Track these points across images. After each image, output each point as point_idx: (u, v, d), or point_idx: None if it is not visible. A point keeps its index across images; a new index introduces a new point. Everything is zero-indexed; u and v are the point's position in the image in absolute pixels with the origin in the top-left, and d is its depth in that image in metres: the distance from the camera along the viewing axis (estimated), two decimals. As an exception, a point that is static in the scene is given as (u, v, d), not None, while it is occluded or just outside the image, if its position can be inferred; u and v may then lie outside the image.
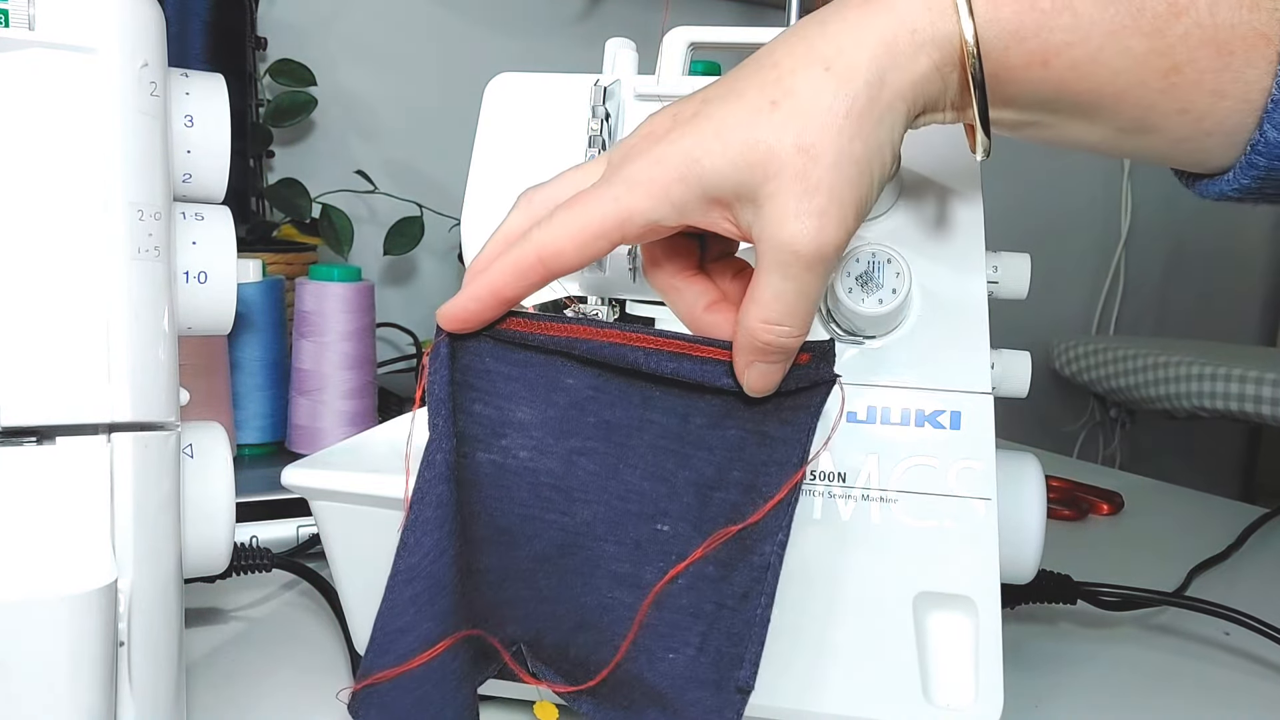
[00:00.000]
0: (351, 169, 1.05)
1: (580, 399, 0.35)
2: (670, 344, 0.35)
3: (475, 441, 0.35)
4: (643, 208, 0.33)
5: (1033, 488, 0.44)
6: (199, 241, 0.38)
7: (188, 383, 0.37)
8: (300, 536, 0.61)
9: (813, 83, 0.32)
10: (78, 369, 0.32)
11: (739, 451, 0.35)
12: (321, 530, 0.42)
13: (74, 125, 0.32)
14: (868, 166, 0.32)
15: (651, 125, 0.34)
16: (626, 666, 0.34)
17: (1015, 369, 0.45)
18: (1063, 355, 1.54)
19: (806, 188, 0.31)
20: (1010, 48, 0.32)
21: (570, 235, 0.33)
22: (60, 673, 0.30)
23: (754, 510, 0.34)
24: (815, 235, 0.31)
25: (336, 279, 0.72)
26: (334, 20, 1.10)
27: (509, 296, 0.34)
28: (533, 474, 0.35)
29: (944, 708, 0.38)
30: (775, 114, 0.32)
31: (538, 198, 0.36)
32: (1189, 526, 0.79)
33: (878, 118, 0.32)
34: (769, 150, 0.31)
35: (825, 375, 0.35)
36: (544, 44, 1.21)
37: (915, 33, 0.32)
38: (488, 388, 0.35)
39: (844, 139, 0.31)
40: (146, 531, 0.33)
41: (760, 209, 0.32)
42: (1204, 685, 0.50)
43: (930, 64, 0.32)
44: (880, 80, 0.32)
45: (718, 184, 0.32)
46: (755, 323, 0.33)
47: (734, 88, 0.33)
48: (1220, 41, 0.32)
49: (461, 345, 0.35)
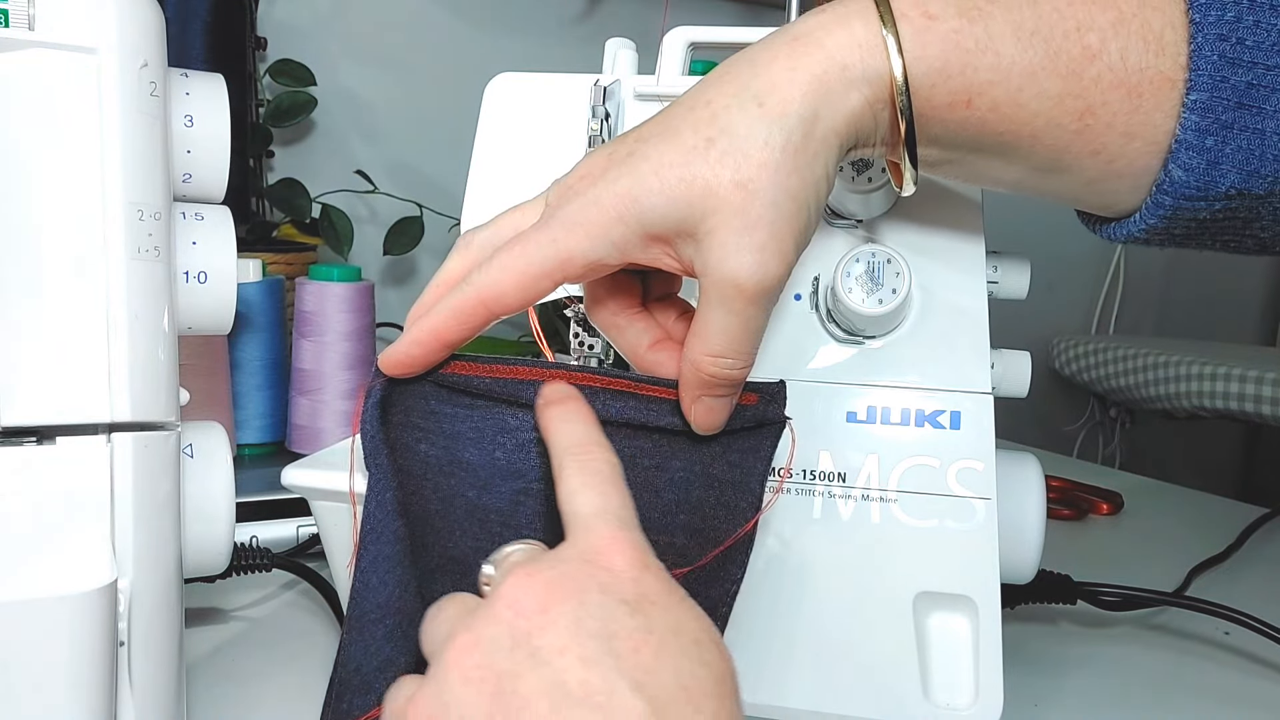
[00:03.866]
0: (351, 169, 1.05)
1: (525, 440, 0.35)
2: (616, 383, 0.35)
3: (423, 480, 0.35)
4: (583, 248, 0.33)
5: (1033, 488, 0.44)
6: (199, 241, 0.38)
7: (188, 383, 0.37)
8: (300, 536, 0.61)
9: (747, 120, 0.32)
10: (78, 369, 0.32)
11: (686, 495, 0.35)
12: (321, 530, 0.42)
13: (74, 125, 0.32)
14: (804, 201, 0.32)
15: (588, 165, 0.34)
16: None
17: (1015, 369, 0.45)
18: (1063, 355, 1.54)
19: (746, 223, 0.31)
20: (936, 85, 0.33)
21: (511, 277, 0.33)
22: (60, 673, 0.30)
23: (700, 555, 0.34)
24: (757, 269, 0.31)
25: (336, 279, 0.72)
26: (334, 20, 1.10)
27: (451, 340, 0.34)
28: (482, 511, 0.35)
29: (944, 708, 0.38)
30: (711, 151, 0.32)
31: (476, 240, 0.36)
32: (1189, 526, 0.79)
33: (813, 153, 0.32)
34: (706, 187, 0.31)
35: (774, 416, 0.36)
36: (544, 44, 1.21)
37: (846, 69, 0.32)
38: (434, 428, 0.36)
39: (781, 175, 0.32)
40: (146, 531, 0.33)
41: (700, 244, 0.32)
42: (1204, 685, 0.50)
43: (862, 100, 0.33)
44: (814, 116, 0.32)
45: (657, 222, 0.32)
46: (700, 356, 0.33)
47: (668, 126, 0.33)
48: (1130, 85, 0.33)
49: (403, 389, 0.35)
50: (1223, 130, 0.32)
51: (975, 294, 0.42)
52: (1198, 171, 0.33)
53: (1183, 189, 0.33)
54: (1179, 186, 0.33)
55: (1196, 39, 0.32)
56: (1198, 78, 0.32)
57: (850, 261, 0.41)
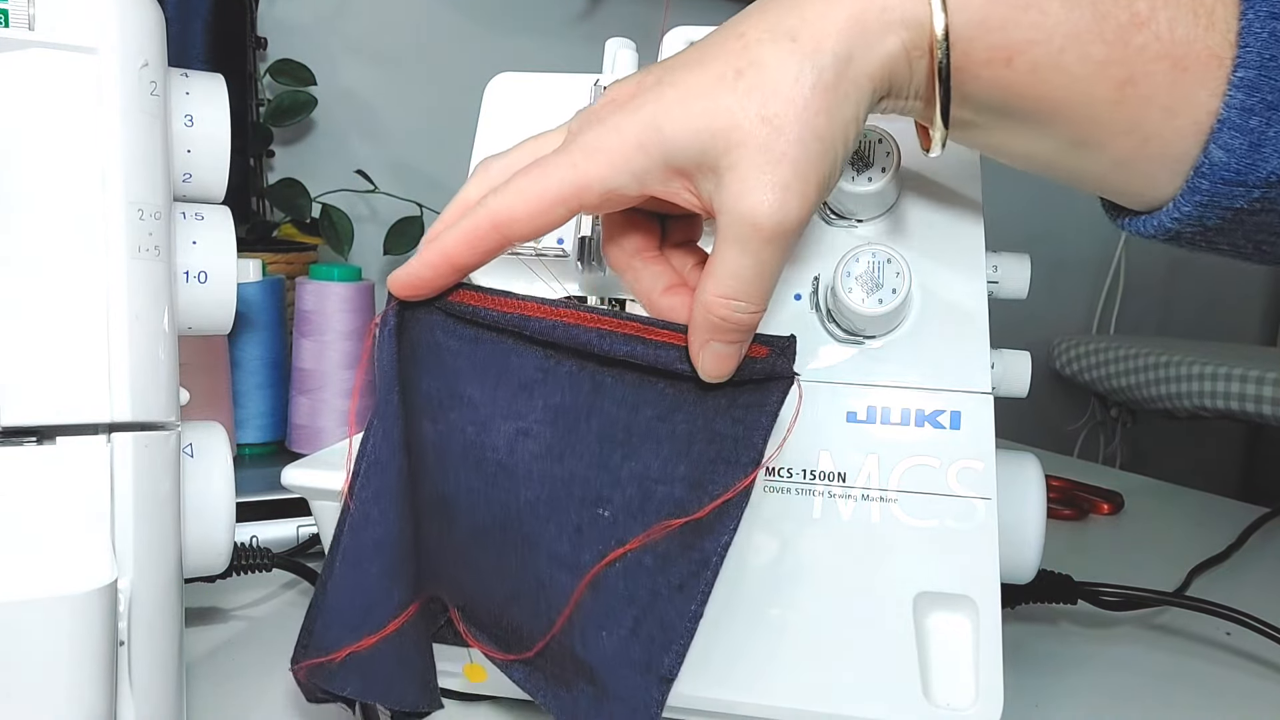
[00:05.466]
0: (352, 168, 1.05)
1: (528, 380, 0.35)
2: (625, 325, 0.34)
3: (421, 414, 0.35)
4: (601, 175, 0.32)
5: (1033, 488, 0.44)
6: (199, 241, 0.38)
7: (188, 382, 0.37)
8: (300, 536, 0.61)
9: (779, 54, 0.31)
10: (78, 369, 0.32)
11: (687, 447, 0.35)
12: (321, 530, 0.42)
13: (74, 125, 0.32)
14: (831, 142, 0.31)
15: (614, 91, 0.34)
16: (560, 640, 0.34)
17: (1015, 369, 0.45)
18: (1063, 355, 1.53)
19: (769, 159, 0.31)
20: (976, 39, 0.32)
21: (526, 201, 0.32)
22: (60, 673, 0.30)
23: (699, 507, 0.34)
24: (777, 208, 0.31)
25: (337, 278, 0.72)
26: (334, 20, 1.10)
27: (462, 264, 0.34)
28: (478, 449, 0.35)
29: (944, 708, 0.38)
30: (739, 83, 0.31)
31: (495, 166, 0.35)
32: (1189, 526, 0.79)
33: (844, 93, 0.31)
34: (732, 119, 0.31)
35: (783, 371, 0.35)
36: (544, 44, 1.21)
37: (885, 10, 0.32)
38: (435, 363, 0.35)
39: (809, 113, 0.31)
40: (146, 531, 0.33)
41: (721, 179, 0.31)
42: (1204, 685, 0.50)
43: (899, 44, 0.32)
44: (848, 55, 0.31)
45: (679, 152, 0.31)
46: (712, 297, 0.32)
47: (699, 57, 0.33)
48: (1176, 57, 0.32)
49: (411, 317, 0.35)
50: (1268, 111, 0.31)
51: (975, 294, 0.42)
52: (1239, 153, 0.32)
53: (1222, 171, 0.32)
54: (1218, 169, 0.32)
55: (1248, 15, 0.31)
56: (1246, 54, 0.31)
57: (850, 261, 0.41)
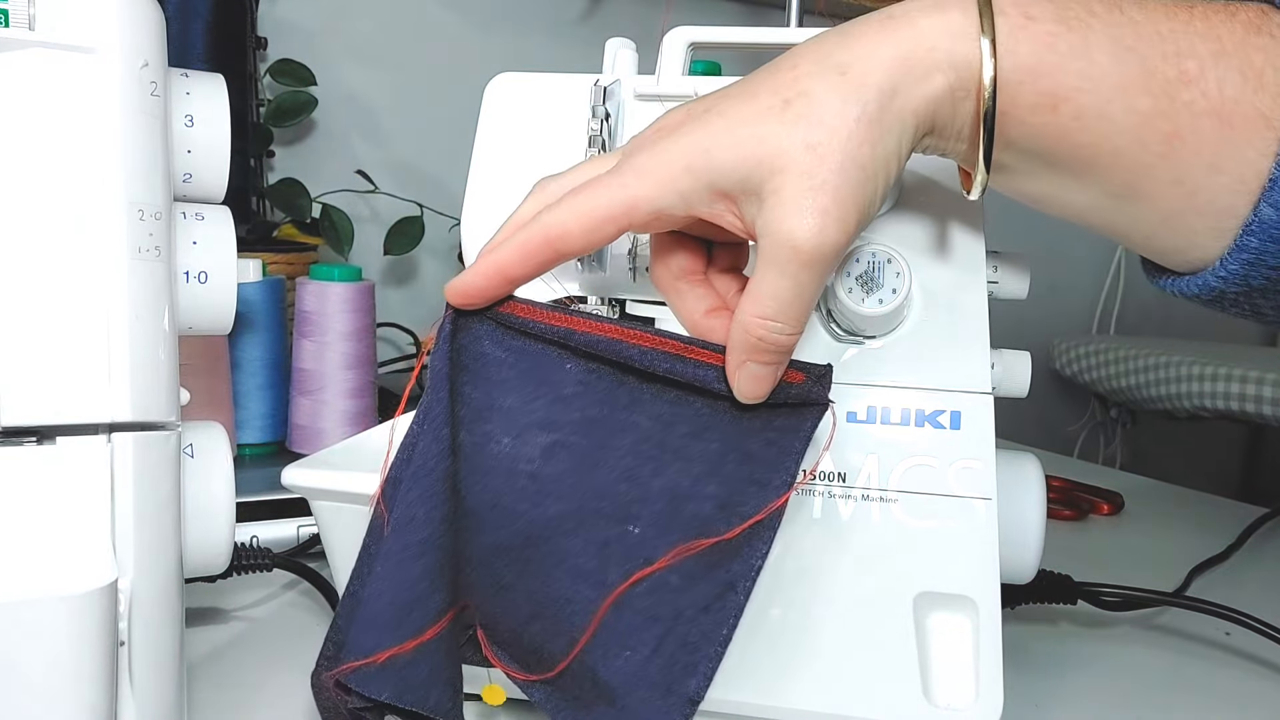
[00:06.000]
0: (352, 169, 1.05)
1: (567, 393, 0.36)
2: (666, 344, 0.35)
3: (459, 421, 0.36)
4: (649, 195, 0.33)
5: (1033, 488, 0.44)
6: (199, 241, 0.38)
7: (188, 383, 0.37)
8: (300, 536, 0.61)
9: (826, 86, 0.32)
10: (78, 369, 0.32)
11: (718, 466, 0.35)
12: (321, 530, 0.42)
13: (74, 125, 0.32)
14: (873, 173, 0.32)
15: (665, 120, 0.35)
16: (582, 659, 0.34)
17: (1015, 369, 0.45)
18: (1063, 355, 1.53)
19: (812, 185, 0.31)
20: (1024, 84, 0.32)
21: (578, 218, 0.34)
22: (60, 673, 0.30)
23: (728, 528, 0.34)
24: (816, 233, 0.32)
25: (337, 279, 0.72)
26: (334, 20, 1.10)
27: (515, 276, 0.35)
28: (511, 461, 0.35)
29: (944, 708, 0.38)
30: (786, 112, 0.32)
31: (551, 186, 0.36)
32: (1189, 526, 0.79)
33: (887, 127, 0.32)
34: (777, 146, 0.32)
35: (818, 397, 0.35)
36: (544, 44, 1.21)
37: (933, 50, 0.32)
38: (480, 371, 0.36)
39: (853, 143, 0.32)
40: (147, 531, 0.33)
41: (764, 203, 0.32)
42: (1204, 685, 0.50)
43: (945, 84, 0.33)
44: (893, 90, 0.32)
45: (724, 176, 0.32)
46: (750, 317, 0.33)
47: (751, 89, 0.34)
48: (1224, 115, 0.32)
49: (463, 325, 0.36)
50: None
51: (975, 294, 0.42)
52: None
53: (1272, 229, 0.33)
54: (1268, 227, 0.33)
55: None
56: None
57: (850, 261, 0.41)
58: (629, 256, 0.46)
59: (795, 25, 1.00)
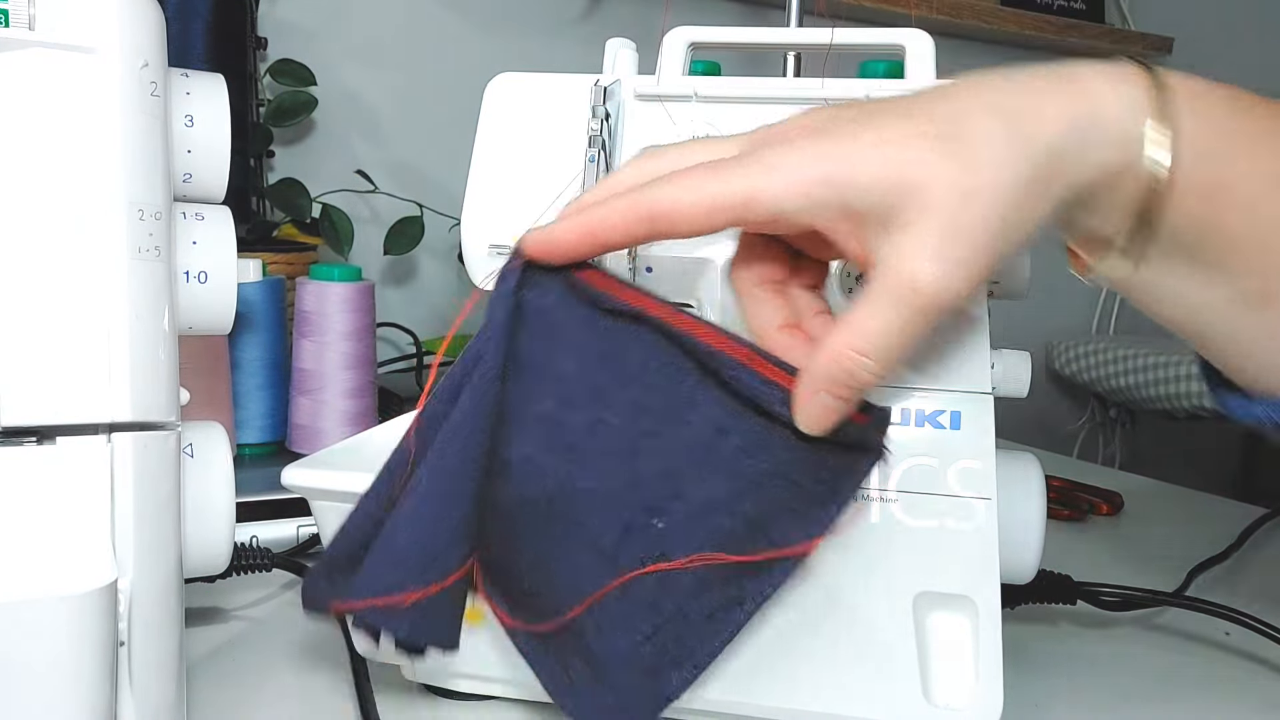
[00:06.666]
0: (352, 169, 1.05)
1: (627, 374, 0.34)
2: (737, 349, 0.34)
3: (507, 374, 0.34)
4: (775, 193, 0.31)
5: (1033, 488, 0.44)
6: (199, 241, 0.38)
7: (188, 383, 0.37)
8: (300, 536, 0.61)
9: (988, 133, 0.30)
10: (78, 369, 0.32)
11: (760, 487, 0.34)
12: (321, 530, 0.42)
13: (74, 125, 0.32)
14: (1016, 232, 0.31)
15: (808, 118, 0.33)
16: (576, 626, 0.34)
17: (1015, 369, 0.45)
18: (1063, 355, 1.54)
19: (951, 230, 0.30)
20: (1194, 168, 0.31)
21: (692, 199, 0.31)
22: (60, 673, 0.30)
23: (751, 546, 0.33)
24: (941, 278, 0.30)
25: (337, 279, 0.72)
26: (334, 20, 1.10)
27: (607, 241, 0.33)
28: (555, 423, 0.34)
29: (944, 708, 0.38)
30: (943, 145, 0.30)
31: (660, 159, 0.34)
32: (1189, 526, 0.79)
33: (1041, 191, 0.30)
34: (926, 177, 0.30)
35: (874, 443, 0.34)
36: (544, 44, 1.21)
37: (1106, 121, 0.31)
38: (541, 329, 0.35)
39: (1008, 199, 0.30)
40: (146, 531, 0.33)
41: (891, 235, 0.30)
42: (1204, 685, 0.50)
43: (1114, 160, 0.31)
44: (1060, 154, 0.30)
45: (860, 195, 0.30)
46: (843, 348, 0.31)
47: (904, 109, 0.32)
48: None
49: (530, 279, 0.34)
50: None
51: (975, 294, 0.42)
52: None
53: None
54: None
55: None
56: None
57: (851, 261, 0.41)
58: (629, 256, 0.46)
59: (795, 25, 1.00)
